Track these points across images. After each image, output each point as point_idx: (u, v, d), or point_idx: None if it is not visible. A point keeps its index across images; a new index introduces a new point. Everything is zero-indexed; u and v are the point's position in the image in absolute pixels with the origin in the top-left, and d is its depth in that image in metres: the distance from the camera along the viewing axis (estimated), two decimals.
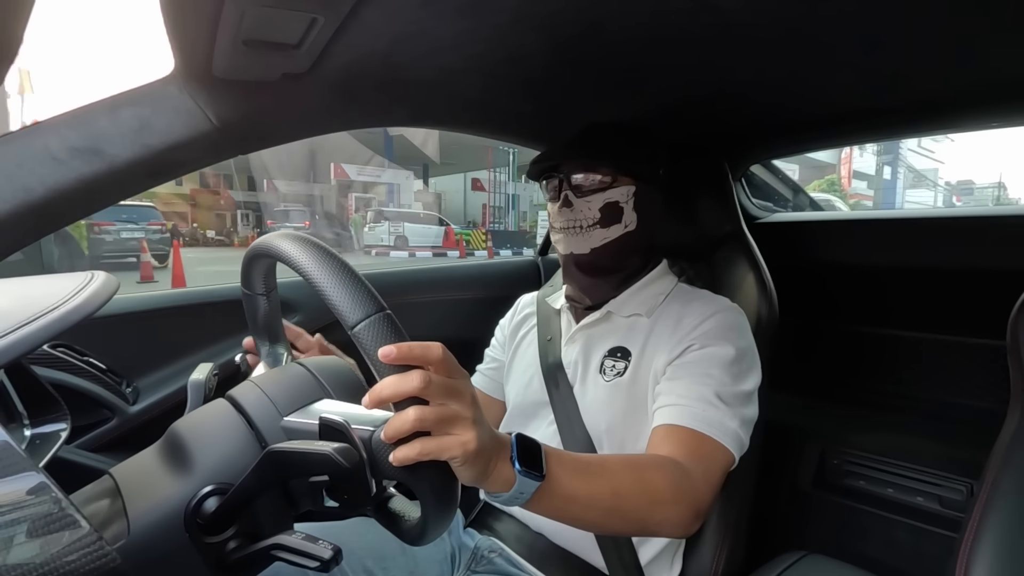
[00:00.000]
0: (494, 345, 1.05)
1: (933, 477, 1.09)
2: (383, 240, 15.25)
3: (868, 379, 1.27)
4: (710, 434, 0.70)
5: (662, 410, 0.74)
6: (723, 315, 0.81)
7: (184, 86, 0.69)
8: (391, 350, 0.41)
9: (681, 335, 0.79)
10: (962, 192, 26.66)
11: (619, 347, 0.85)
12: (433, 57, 0.74)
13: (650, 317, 0.85)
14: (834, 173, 21.32)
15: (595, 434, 0.82)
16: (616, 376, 0.83)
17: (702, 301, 0.84)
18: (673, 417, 0.72)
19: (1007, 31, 0.67)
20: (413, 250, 14.94)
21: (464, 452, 0.44)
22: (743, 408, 0.75)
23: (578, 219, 0.84)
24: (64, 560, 0.35)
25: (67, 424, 0.54)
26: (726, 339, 0.77)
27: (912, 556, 1.07)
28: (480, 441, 0.44)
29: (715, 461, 0.70)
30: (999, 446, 0.66)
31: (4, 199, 0.59)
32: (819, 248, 1.29)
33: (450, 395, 0.44)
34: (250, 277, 0.58)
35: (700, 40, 0.70)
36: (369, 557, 0.78)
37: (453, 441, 0.43)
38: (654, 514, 0.62)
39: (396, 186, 18.19)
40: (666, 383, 0.77)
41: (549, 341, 0.92)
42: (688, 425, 0.70)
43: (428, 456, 0.43)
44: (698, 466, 0.67)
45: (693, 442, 0.69)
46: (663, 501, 0.62)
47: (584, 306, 0.91)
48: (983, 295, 1.03)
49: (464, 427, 0.44)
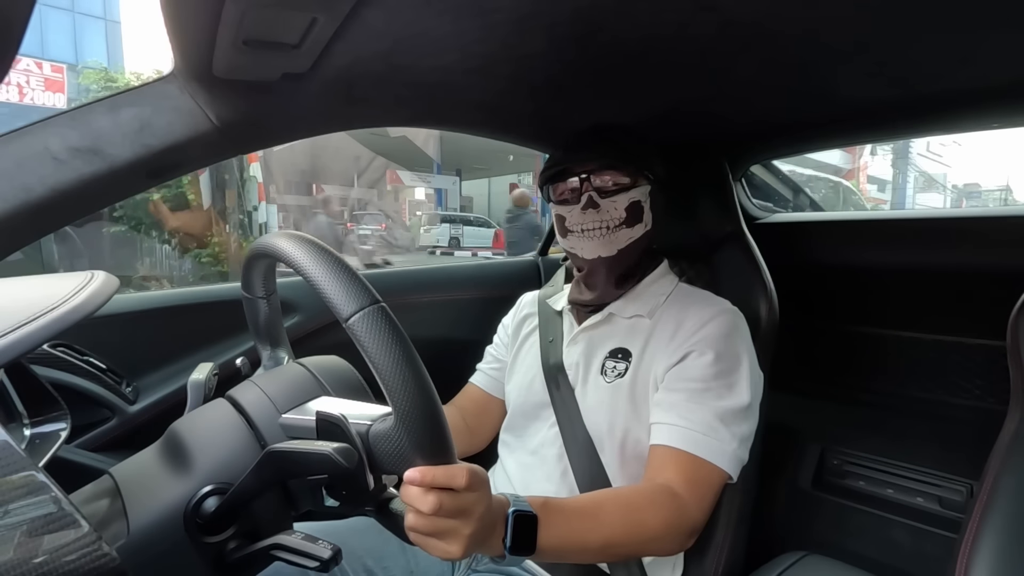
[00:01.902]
0: (497, 344, 1.05)
1: (933, 478, 1.09)
2: (439, 241, 16.08)
3: (868, 379, 1.27)
4: (709, 459, 0.72)
5: (662, 428, 0.75)
6: (722, 319, 0.81)
7: (184, 86, 0.68)
8: (415, 476, 0.46)
9: (681, 339, 0.80)
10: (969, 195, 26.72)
11: (620, 348, 0.85)
12: (433, 57, 0.74)
13: (651, 318, 0.85)
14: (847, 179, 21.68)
15: (596, 435, 0.82)
16: (617, 377, 0.83)
17: (702, 304, 0.84)
18: (673, 439, 0.73)
19: (1007, 31, 0.67)
20: (475, 250, 15.33)
21: (446, 556, 0.50)
22: (742, 424, 0.75)
23: (604, 220, 0.83)
24: (64, 560, 0.35)
25: (67, 424, 0.54)
26: (725, 346, 0.78)
27: (912, 557, 1.07)
28: (466, 550, 0.50)
29: (711, 485, 0.72)
30: (999, 446, 0.66)
31: (4, 199, 0.59)
32: (819, 248, 1.29)
33: (456, 515, 0.49)
34: (250, 280, 0.58)
35: (700, 40, 0.70)
36: (369, 557, 0.78)
37: (438, 547, 0.50)
38: (646, 549, 0.69)
39: (444, 191, 18.86)
40: (665, 394, 0.78)
41: (551, 343, 0.92)
42: (687, 450, 0.72)
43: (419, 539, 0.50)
44: (694, 492, 0.70)
45: (691, 467, 0.72)
46: (655, 539, 0.67)
47: (588, 308, 0.90)
48: (983, 296, 1.03)
49: (454, 540, 0.50)
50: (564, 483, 0.83)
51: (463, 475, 0.48)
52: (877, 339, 1.25)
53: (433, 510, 0.46)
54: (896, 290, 1.21)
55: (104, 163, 0.64)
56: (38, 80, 12.87)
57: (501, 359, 1.03)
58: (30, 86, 12.67)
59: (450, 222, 16.69)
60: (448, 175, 18.83)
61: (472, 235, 16.60)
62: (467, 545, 0.50)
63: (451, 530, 0.49)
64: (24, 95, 12.38)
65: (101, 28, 17.40)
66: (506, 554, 0.56)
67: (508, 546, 0.55)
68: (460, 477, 0.47)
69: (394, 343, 0.42)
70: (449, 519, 0.49)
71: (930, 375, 1.18)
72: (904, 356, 1.21)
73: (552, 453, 0.85)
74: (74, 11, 12.62)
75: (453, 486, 0.47)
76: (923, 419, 1.17)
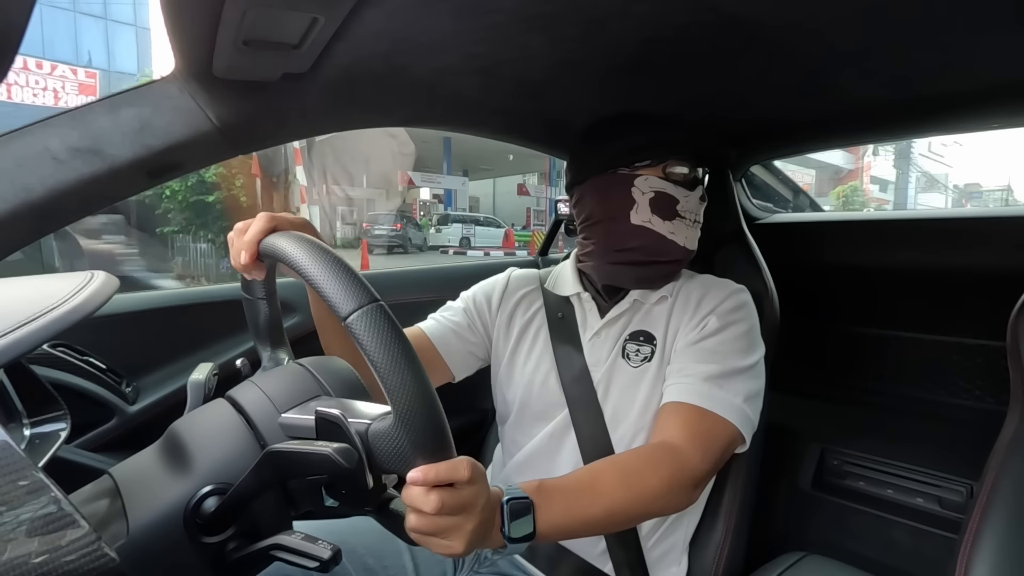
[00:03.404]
0: (470, 310, 0.92)
1: (933, 478, 1.09)
2: (449, 241, 16.39)
3: (868, 380, 1.27)
4: (712, 409, 0.72)
5: (669, 388, 0.76)
6: (737, 295, 0.84)
7: (184, 86, 0.68)
8: (418, 476, 0.45)
9: (702, 314, 0.82)
10: (970, 195, 26.78)
11: (641, 331, 0.84)
12: (433, 57, 0.74)
13: (672, 297, 0.86)
14: (850, 179, 21.76)
15: (615, 427, 0.80)
16: (643, 361, 0.82)
17: (719, 284, 0.86)
18: (677, 394, 0.74)
19: (1008, 32, 0.67)
20: (487, 249, 15.49)
21: (449, 553, 0.51)
22: (748, 381, 0.76)
23: (700, 214, 0.85)
24: (63, 560, 0.35)
25: (67, 424, 0.54)
26: (737, 316, 0.81)
27: (912, 557, 1.07)
28: (468, 545, 0.51)
29: (715, 436, 0.72)
30: (999, 447, 0.66)
31: (4, 199, 0.59)
32: (819, 249, 1.29)
33: (458, 511, 0.49)
34: (250, 281, 0.58)
35: (701, 40, 0.70)
36: (370, 556, 0.78)
37: (440, 545, 0.50)
38: (650, 510, 0.69)
39: (454, 191, 19.08)
40: (676, 359, 0.79)
41: (562, 335, 0.87)
42: (690, 402, 0.73)
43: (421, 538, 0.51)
44: (697, 444, 0.70)
45: (694, 419, 0.72)
46: (657, 497, 0.66)
47: (615, 298, 0.87)
48: (983, 296, 1.03)
49: (456, 536, 0.50)
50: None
51: (465, 468, 0.47)
52: (877, 339, 1.25)
53: (436, 510, 0.46)
54: (896, 290, 1.21)
55: (104, 163, 0.64)
56: (72, 85, 13.63)
57: (462, 328, 0.90)
58: (65, 91, 13.45)
59: (461, 222, 17.01)
60: (457, 176, 19.08)
61: (483, 235, 16.89)
62: (469, 540, 0.50)
63: (453, 527, 0.49)
64: (59, 99, 13.16)
65: (132, 34, 17.98)
66: (507, 544, 0.56)
67: (507, 535, 0.55)
68: (463, 470, 0.47)
69: (393, 341, 0.42)
70: (451, 516, 0.49)
71: (930, 375, 1.18)
72: (904, 356, 1.21)
73: (562, 450, 0.83)
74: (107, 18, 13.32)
75: (456, 479, 0.47)
76: (923, 419, 1.17)
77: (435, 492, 0.47)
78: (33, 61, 11.74)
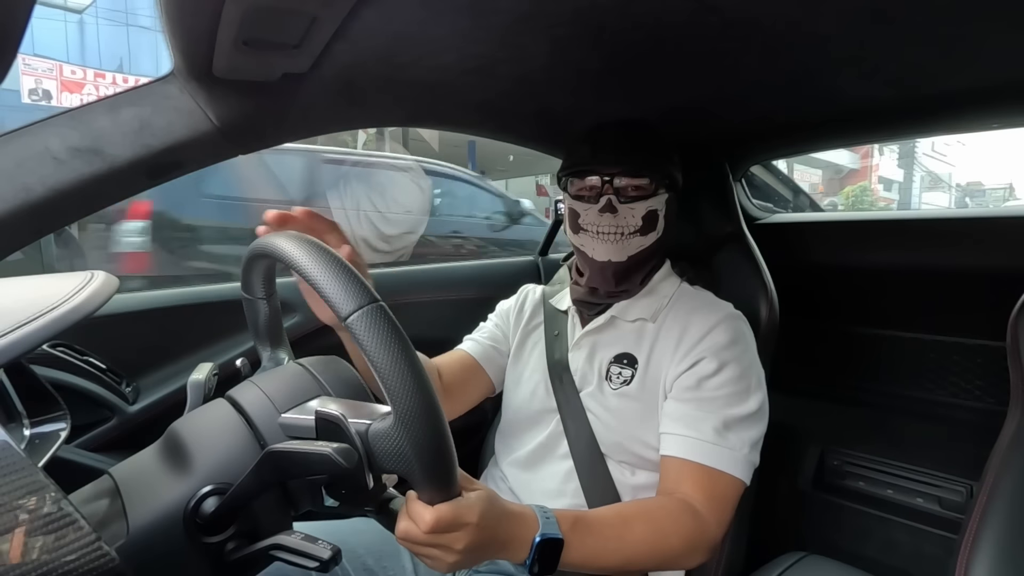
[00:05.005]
0: (498, 325, 1.01)
1: (933, 478, 1.09)
2: None
3: (868, 380, 1.27)
4: (724, 470, 0.71)
5: (673, 439, 0.75)
6: (727, 325, 0.80)
7: (184, 86, 0.68)
8: (429, 525, 0.48)
9: (687, 346, 0.79)
10: (973, 194, 26.85)
11: (625, 354, 0.84)
12: (433, 57, 0.74)
13: (655, 322, 0.84)
14: (856, 179, 21.78)
15: (603, 441, 0.82)
16: (623, 384, 0.82)
17: (706, 309, 0.83)
18: (686, 451, 0.73)
19: (1008, 31, 0.67)
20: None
21: (433, 567, 0.53)
22: (752, 429, 0.75)
23: (621, 225, 0.82)
24: (63, 560, 0.35)
25: (67, 424, 0.54)
26: (732, 355, 0.78)
27: (912, 557, 1.07)
28: (458, 563, 0.52)
29: (728, 497, 0.72)
30: (999, 447, 0.66)
31: (4, 199, 0.59)
32: (819, 249, 1.29)
33: (452, 529, 0.50)
34: (250, 281, 0.58)
35: (700, 40, 0.70)
36: (369, 556, 0.78)
37: (427, 559, 0.53)
38: (662, 566, 0.69)
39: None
40: (674, 404, 0.78)
41: (556, 346, 0.91)
42: (702, 462, 0.72)
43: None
44: (714, 510, 0.71)
45: (707, 481, 0.71)
46: (676, 557, 0.67)
47: (592, 309, 0.89)
48: (983, 296, 1.03)
49: (446, 554, 0.52)
50: (567, 487, 0.82)
51: (474, 513, 0.51)
52: (877, 340, 1.25)
53: (429, 528, 0.48)
54: (896, 291, 1.21)
55: (104, 163, 0.64)
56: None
57: (499, 341, 0.99)
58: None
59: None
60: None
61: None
62: (458, 560, 0.52)
63: (443, 543, 0.51)
64: None
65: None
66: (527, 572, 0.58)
67: (531, 569, 0.57)
68: (471, 515, 0.50)
69: (393, 341, 0.42)
70: (442, 534, 0.50)
71: (930, 376, 1.18)
72: (904, 357, 1.21)
73: (555, 457, 0.85)
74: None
75: (464, 523, 0.50)
76: (923, 420, 1.17)
77: (431, 510, 0.48)
78: (120, 76, 12.05)
